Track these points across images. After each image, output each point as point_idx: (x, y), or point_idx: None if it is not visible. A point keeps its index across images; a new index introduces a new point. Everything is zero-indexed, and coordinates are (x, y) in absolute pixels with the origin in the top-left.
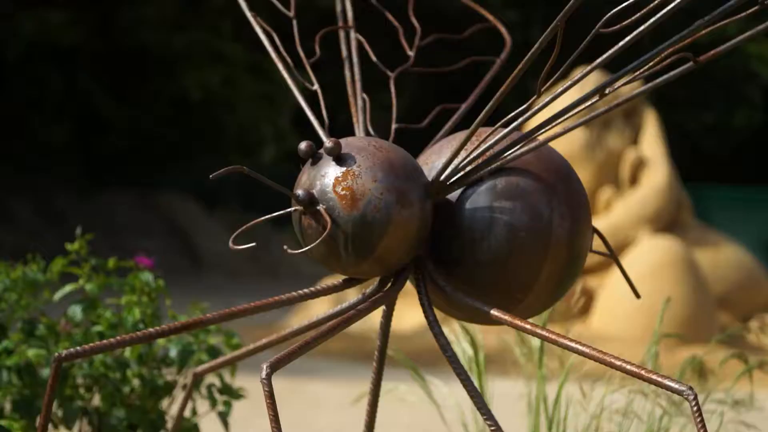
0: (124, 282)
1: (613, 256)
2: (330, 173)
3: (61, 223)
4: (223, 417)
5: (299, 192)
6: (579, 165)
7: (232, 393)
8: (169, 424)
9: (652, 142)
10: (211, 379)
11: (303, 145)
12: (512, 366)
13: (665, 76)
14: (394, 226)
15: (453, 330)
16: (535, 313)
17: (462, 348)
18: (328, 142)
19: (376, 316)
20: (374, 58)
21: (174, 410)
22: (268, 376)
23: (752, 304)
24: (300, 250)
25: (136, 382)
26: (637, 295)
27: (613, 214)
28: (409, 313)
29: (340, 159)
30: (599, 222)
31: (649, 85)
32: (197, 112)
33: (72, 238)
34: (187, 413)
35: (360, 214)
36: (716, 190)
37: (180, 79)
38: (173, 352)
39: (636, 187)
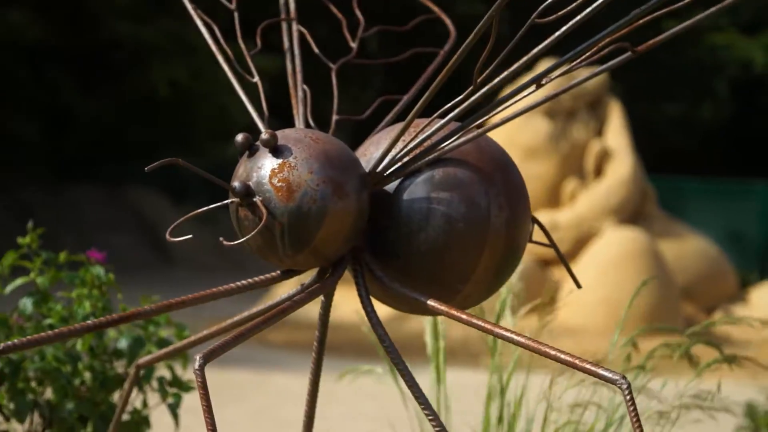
0: (75, 276)
1: (554, 246)
2: (266, 165)
3: (29, 218)
4: (173, 409)
5: (236, 184)
6: (544, 157)
7: (182, 385)
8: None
9: (616, 134)
10: (162, 371)
11: (239, 137)
12: (475, 357)
13: (603, 67)
14: (331, 218)
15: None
16: (475, 303)
17: (426, 339)
18: (264, 134)
19: (348, 306)
20: (316, 50)
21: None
22: (201, 367)
23: (717, 295)
24: (236, 242)
25: (87, 374)
26: (578, 285)
27: (577, 206)
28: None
29: (276, 151)
30: (564, 214)
31: (588, 75)
32: (166, 105)
33: (41, 233)
34: (138, 405)
35: (296, 206)
36: (684, 182)
37: (149, 72)
38: (124, 345)
39: (601, 178)
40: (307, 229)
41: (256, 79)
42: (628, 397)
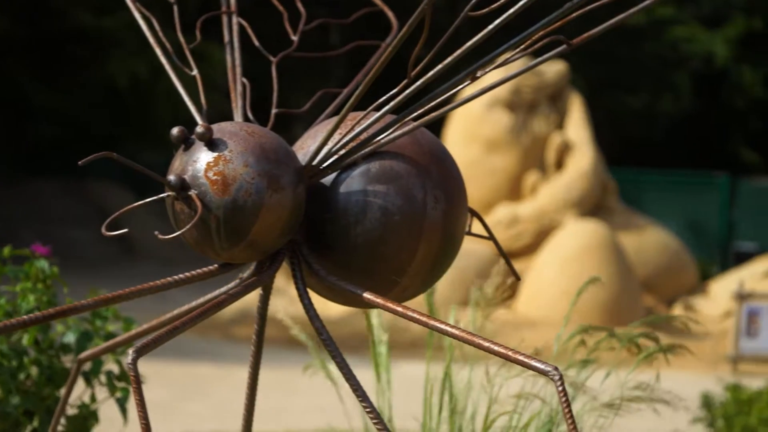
0: (20, 270)
1: (492, 238)
2: (201, 158)
3: None
4: (121, 403)
5: (171, 177)
6: (505, 150)
7: (128, 380)
8: (68, 411)
9: (577, 127)
10: (111, 365)
11: (175, 130)
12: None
13: (538, 60)
14: (266, 211)
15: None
16: (413, 296)
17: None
18: (199, 128)
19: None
20: (257, 43)
21: (72, 397)
22: (134, 361)
23: (677, 287)
24: (170, 235)
25: (34, 369)
26: (517, 278)
27: (538, 199)
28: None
29: (211, 144)
30: (525, 206)
31: (522, 69)
32: (128, 98)
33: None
34: (86, 399)
35: (231, 199)
36: (646, 175)
37: (110, 64)
38: (71, 339)
39: (561, 171)
40: (242, 223)
41: (195, 72)
42: (560, 389)
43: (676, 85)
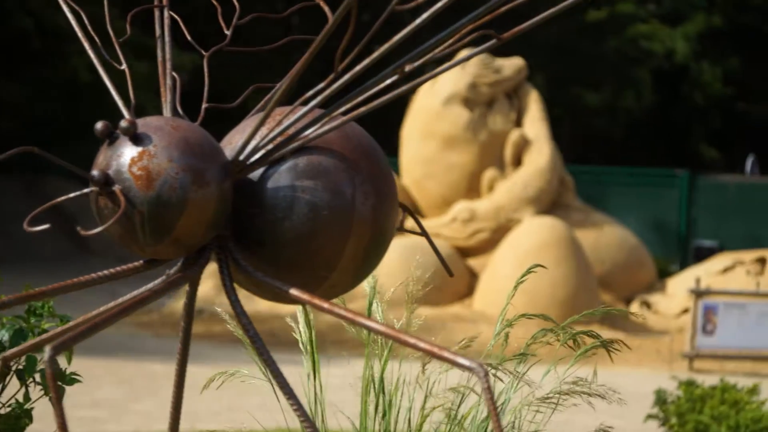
0: None
1: (425, 235)
2: (126, 153)
3: None
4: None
5: (94, 172)
6: (462, 146)
7: (64, 378)
8: (0, 410)
9: (535, 124)
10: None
11: (99, 125)
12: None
13: (468, 54)
14: (191, 206)
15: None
16: (342, 292)
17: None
18: (123, 122)
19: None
20: (189, 38)
21: (5, 396)
22: (51, 359)
23: (635, 284)
24: (93, 230)
25: None
26: (450, 274)
27: (496, 195)
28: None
29: (136, 139)
30: (483, 203)
31: (450, 63)
32: (86, 95)
33: None
34: (20, 398)
35: (156, 194)
36: (607, 171)
37: (67, 59)
38: (5, 337)
39: (519, 168)
40: (167, 218)
41: (124, 66)
42: (485, 386)
43: (637, 81)
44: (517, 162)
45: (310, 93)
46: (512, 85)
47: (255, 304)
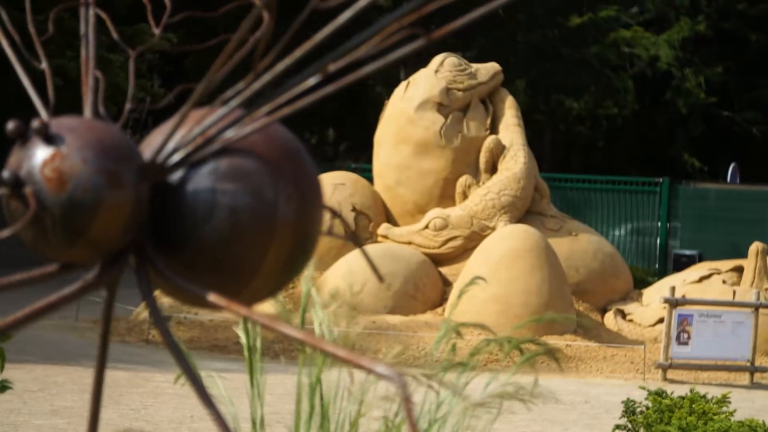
0: None
1: (353, 238)
2: (37, 154)
3: None
4: None
5: (5, 174)
6: (436, 152)
7: None
8: None
9: (510, 130)
10: None
11: (10, 124)
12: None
13: (395, 53)
14: (105, 209)
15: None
16: (265, 297)
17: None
18: (34, 122)
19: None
20: (116, 36)
21: None
22: None
23: (610, 293)
24: (2, 234)
25: None
26: (381, 279)
27: (469, 202)
28: None
29: (48, 139)
30: (456, 210)
31: (378, 62)
32: (62, 96)
33: None
34: None
35: (68, 197)
36: (587, 178)
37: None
38: None
39: (494, 175)
40: (80, 221)
41: (44, 65)
42: (403, 395)
43: (620, 88)
44: (492, 169)
45: (230, 93)
46: (487, 90)
47: (212, 312)
